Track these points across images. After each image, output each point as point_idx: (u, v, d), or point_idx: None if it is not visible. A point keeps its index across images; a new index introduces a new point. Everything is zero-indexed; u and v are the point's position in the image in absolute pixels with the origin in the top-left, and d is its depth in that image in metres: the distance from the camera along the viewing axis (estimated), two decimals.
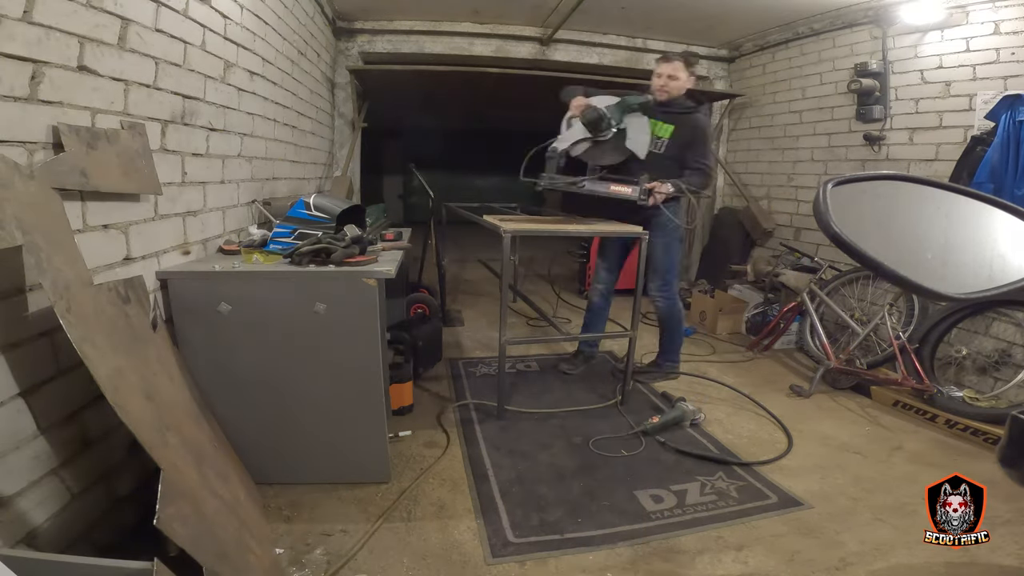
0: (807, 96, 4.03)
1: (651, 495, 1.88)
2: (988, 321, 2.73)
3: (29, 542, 1.12)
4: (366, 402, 1.79)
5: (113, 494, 1.44)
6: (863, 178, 0.95)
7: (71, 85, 1.27)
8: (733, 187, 4.80)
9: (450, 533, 1.66)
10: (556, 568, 1.53)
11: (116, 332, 1.23)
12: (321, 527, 1.65)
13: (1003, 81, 2.79)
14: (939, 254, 0.88)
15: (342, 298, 1.68)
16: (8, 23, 1.09)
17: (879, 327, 2.98)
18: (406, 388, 2.42)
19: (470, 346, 3.47)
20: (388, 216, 3.10)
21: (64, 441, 1.26)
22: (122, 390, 1.11)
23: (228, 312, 1.64)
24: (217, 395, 1.71)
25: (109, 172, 1.35)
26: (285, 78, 2.80)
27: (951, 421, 2.43)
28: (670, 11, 3.93)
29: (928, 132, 3.17)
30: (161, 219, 1.66)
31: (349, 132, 4.33)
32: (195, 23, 1.81)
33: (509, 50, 4.44)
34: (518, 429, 2.35)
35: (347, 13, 4.11)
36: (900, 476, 2.06)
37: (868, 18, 3.46)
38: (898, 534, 1.68)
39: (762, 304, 3.83)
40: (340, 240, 1.80)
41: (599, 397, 2.70)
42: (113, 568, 0.90)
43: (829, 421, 2.54)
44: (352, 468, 1.87)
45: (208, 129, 1.93)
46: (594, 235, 4.37)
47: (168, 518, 0.97)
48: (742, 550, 1.61)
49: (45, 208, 1.12)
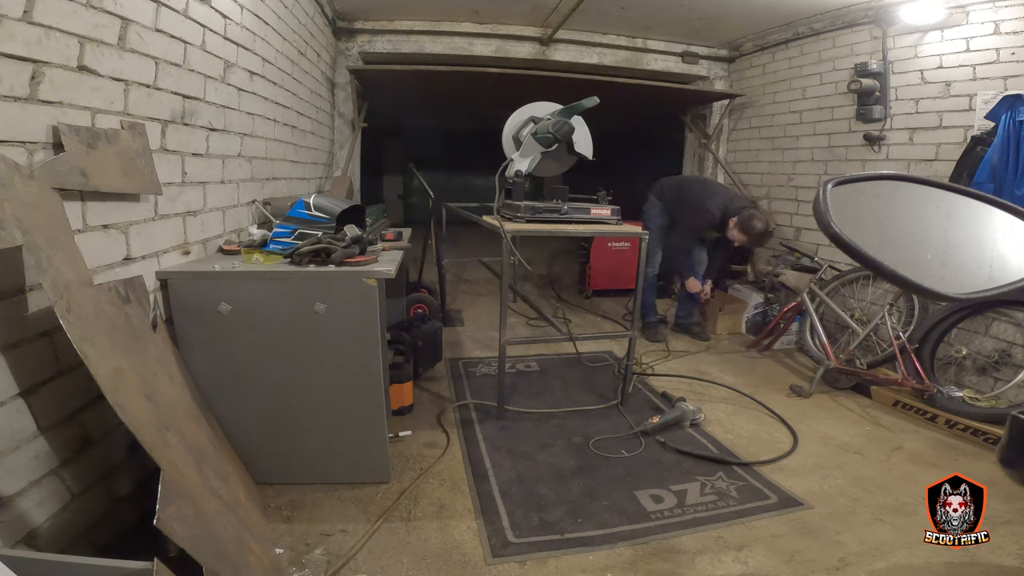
0: (807, 96, 4.03)
1: (651, 495, 1.88)
2: (988, 321, 2.73)
3: (29, 542, 1.12)
4: (366, 402, 1.79)
5: (113, 494, 1.44)
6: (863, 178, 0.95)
7: (71, 85, 1.27)
8: (733, 187, 4.80)
9: (450, 533, 1.66)
10: (556, 568, 1.52)
11: (116, 332, 1.23)
12: (321, 527, 1.65)
13: (1003, 81, 2.79)
14: (939, 254, 0.88)
15: (342, 298, 1.68)
16: (8, 23, 1.09)
17: (879, 327, 2.98)
18: (406, 388, 2.42)
19: (470, 346, 3.47)
20: (388, 216, 3.10)
21: (64, 441, 1.26)
22: (122, 390, 1.11)
23: (228, 312, 1.64)
24: (217, 395, 1.71)
25: (109, 172, 1.35)
26: (285, 78, 2.80)
27: (951, 421, 2.43)
28: (670, 11, 3.93)
29: (928, 132, 3.17)
30: (161, 219, 1.66)
31: (349, 132, 4.33)
32: (195, 23, 1.81)
33: (509, 50, 4.43)
34: (518, 429, 2.35)
35: (347, 13, 4.11)
36: (900, 476, 2.06)
37: (868, 18, 3.46)
38: (898, 534, 1.68)
39: (762, 304, 3.84)
40: (340, 240, 1.80)
41: (599, 397, 2.70)
42: (113, 568, 0.90)
43: (829, 421, 2.54)
44: (352, 468, 1.87)
45: (208, 129, 1.93)
46: (594, 235, 4.38)
47: (168, 518, 0.97)
48: (742, 550, 1.61)
49: (45, 208, 1.12)
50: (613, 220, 2.53)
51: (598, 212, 2.54)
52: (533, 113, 2.55)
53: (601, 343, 3.51)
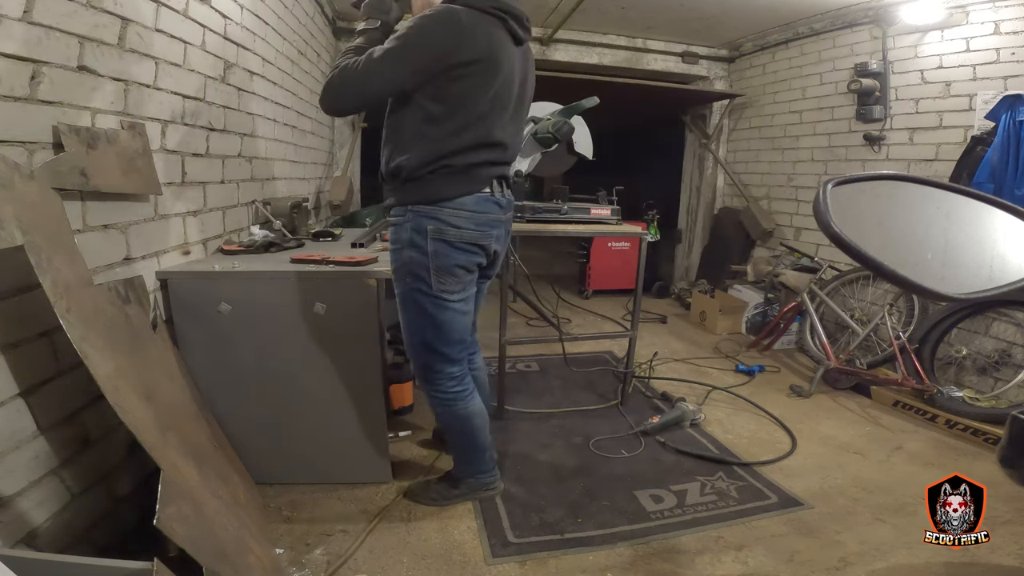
0: (807, 96, 4.03)
1: (651, 495, 1.88)
2: (988, 321, 2.73)
3: (29, 542, 1.12)
4: (366, 402, 1.79)
5: (113, 494, 1.44)
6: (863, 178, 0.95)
7: (71, 85, 1.27)
8: (733, 187, 4.80)
9: (450, 533, 1.66)
10: (556, 568, 1.52)
11: (116, 332, 1.22)
12: (321, 527, 1.65)
13: (1003, 81, 2.78)
14: (939, 254, 0.88)
15: (342, 298, 1.68)
16: (8, 23, 1.08)
17: (879, 327, 2.98)
18: (406, 388, 2.42)
19: None
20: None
21: (64, 441, 1.26)
22: (122, 390, 1.11)
23: (228, 312, 1.64)
24: (217, 395, 1.71)
25: (109, 172, 1.35)
26: (285, 78, 2.80)
27: (951, 421, 2.43)
28: (670, 11, 3.92)
29: (928, 132, 3.17)
30: (161, 219, 1.66)
31: (349, 132, 4.33)
32: (195, 23, 1.81)
33: None
34: (518, 429, 2.35)
35: (347, 13, 4.11)
36: (900, 476, 2.06)
37: (868, 18, 3.46)
38: (898, 534, 1.68)
39: (762, 304, 3.84)
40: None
41: (599, 397, 2.70)
42: (113, 568, 0.90)
43: (829, 421, 2.54)
44: (352, 468, 1.87)
45: (208, 129, 1.93)
46: (594, 235, 4.38)
47: (168, 518, 0.97)
48: (742, 550, 1.61)
49: (45, 208, 1.11)
50: (613, 220, 2.53)
51: (598, 212, 2.54)
52: (533, 113, 2.54)
53: (601, 343, 3.52)
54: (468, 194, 1.47)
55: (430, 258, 1.47)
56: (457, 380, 1.66)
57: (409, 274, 1.50)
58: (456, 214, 1.46)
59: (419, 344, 1.59)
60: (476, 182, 1.49)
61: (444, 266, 1.48)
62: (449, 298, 1.52)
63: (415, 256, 1.47)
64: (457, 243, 1.48)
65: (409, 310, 1.55)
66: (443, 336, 1.57)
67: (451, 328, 1.57)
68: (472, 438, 1.73)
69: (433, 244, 1.46)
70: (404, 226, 1.48)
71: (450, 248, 1.47)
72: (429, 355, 1.61)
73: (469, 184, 1.47)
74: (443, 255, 1.47)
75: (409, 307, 1.55)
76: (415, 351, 1.62)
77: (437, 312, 1.53)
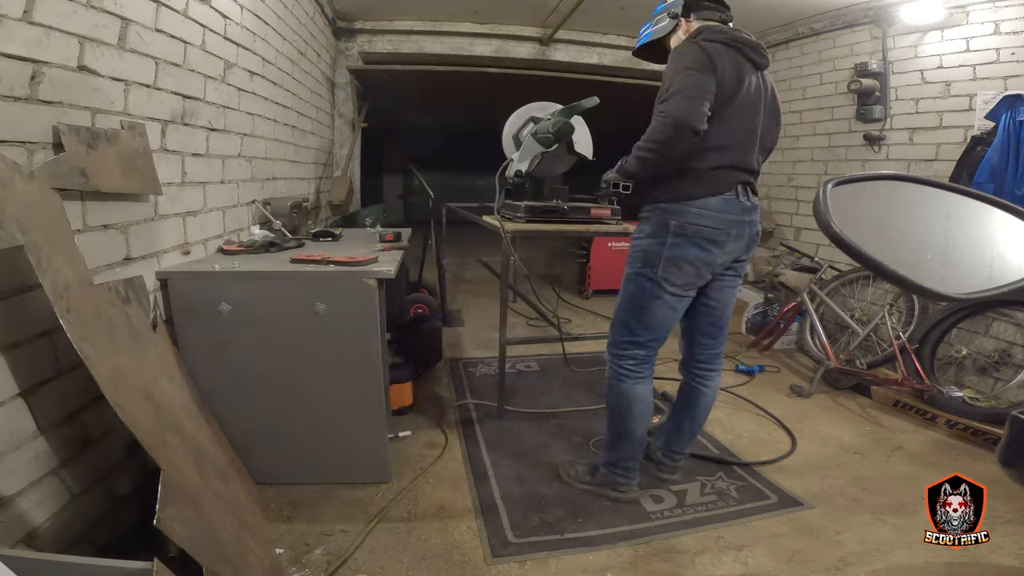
0: (807, 96, 4.03)
1: (651, 495, 1.88)
2: (988, 321, 2.73)
3: (29, 542, 1.12)
4: (366, 402, 1.79)
5: (113, 494, 1.44)
6: (863, 178, 0.95)
7: (71, 85, 1.27)
8: None
9: (450, 533, 1.66)
10: (556, 568, 1.52)
11: (116, 332, 1.23)
12: (321, 527, 1.65)
13: (1003, 81, 2.79)
14: (939, 254, 0.88)
15: (342, 298, 1.68)
16: (8, 23, 1.09)
17: (879, 327, 2.98)
18: (406, 388, 2.42)
19: (470, 346, 3.47)
20: (388, 216, 3.10)
21: (64, 441, 1.26)
22: (122, 390, 1.11)
23: (228, 312, 1.64)
24: (217, 395, 1.71)
25: (109, 172, 1.35)
26: (285, 78, 2.80)
27: (951, 421, 2.43)
28: None
29: (928, 132, 3.17)
30: (161, 219, 1.66)
31: (349, 132, 4.33)
32: (195, 23, 1.81)
33: (509, 50, 4.43)
34: (518, 429, 2.35)
35: (347, 13, 4.11)
36: (900, 476, 2.06)
37: (868, 18, 3.46)
38: (898, 534, 1.68)
39: (762, 304, 3.83)
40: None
41: (599, 397, 2.70)
42: (113, 568, 0.90)
43: (829, 421, 2.54)
44: (352, 468, 1.87)
45: (208, 129, 1.93)
46: (594, 235, 4.38)
47: (168, 518, 0.97)
48: (742, 550, 1.61)
49: (45, 208, 1.12)
50: (613, 220, 2.52)
51: (598, 212, 2.54)
52: (533, 113, 2.54)
53: (601, 343, 3.50)
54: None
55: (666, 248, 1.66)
56: (638, 361, 1.78)
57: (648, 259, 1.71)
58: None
59: (623, 316, 1.78)
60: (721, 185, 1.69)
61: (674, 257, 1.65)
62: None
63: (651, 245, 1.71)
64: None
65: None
66: (644, 321, 1.73)
67: (653, 315, 1.71)
68: (625, 421, 1.78)
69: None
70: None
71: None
72: (624, 331, 1.78)
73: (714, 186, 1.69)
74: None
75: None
76: (616, 319, 1.82)
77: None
